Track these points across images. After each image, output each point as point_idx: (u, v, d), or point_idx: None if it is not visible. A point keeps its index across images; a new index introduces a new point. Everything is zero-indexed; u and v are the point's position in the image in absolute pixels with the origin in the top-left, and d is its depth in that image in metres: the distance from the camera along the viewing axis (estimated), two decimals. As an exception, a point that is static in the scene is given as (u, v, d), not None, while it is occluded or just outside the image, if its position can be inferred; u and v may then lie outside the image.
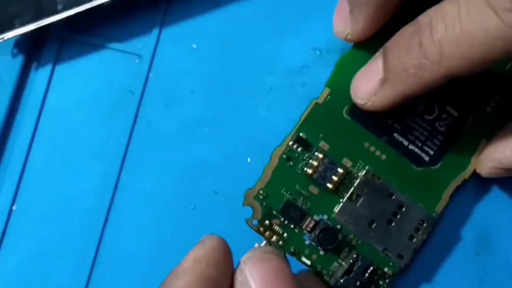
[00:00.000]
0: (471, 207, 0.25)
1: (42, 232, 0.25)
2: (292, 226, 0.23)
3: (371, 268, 0.23)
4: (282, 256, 0.21)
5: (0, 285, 0.25)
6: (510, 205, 0.25)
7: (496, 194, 0.25)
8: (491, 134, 0.23)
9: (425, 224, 0.23)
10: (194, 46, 0.26)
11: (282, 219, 0.23)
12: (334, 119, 0.23)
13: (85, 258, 0.25)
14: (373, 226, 0.23)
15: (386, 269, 0.23)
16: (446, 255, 0.25)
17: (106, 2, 0.24)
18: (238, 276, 0.20)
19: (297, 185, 0.23)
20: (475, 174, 0.23)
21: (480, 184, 0.25)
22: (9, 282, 0.25)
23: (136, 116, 0.25)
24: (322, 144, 0.23)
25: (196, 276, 0.19)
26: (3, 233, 0.25)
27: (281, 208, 0.23)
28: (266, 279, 0.19)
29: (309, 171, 0.23)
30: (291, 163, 0.23)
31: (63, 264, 0.25)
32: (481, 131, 0.23)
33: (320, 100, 0.23)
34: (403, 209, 0.23)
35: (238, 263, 0.20)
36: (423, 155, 0.23)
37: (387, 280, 0.23)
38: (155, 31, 0.26)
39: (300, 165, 0.23)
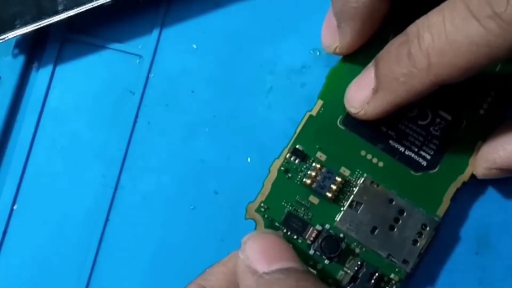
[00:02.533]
0: (470, 207, 0.25)
1: (43, 232, 0.25)
2: (295, 236, 0.23)
3: (377, 274, 0.23)
4: (280, 235, 0.22)
5: (1, 285, 0.25)
6: (509, 205, 0.25)
7: (495, 194, 0.25)
8: (486, 135, 0.23)
9: (427, 228, 0.23)
10: (195, 46, 0.26)
11: (284, 230, 0.23)
12: (329, 129, 0.23)
13: (85, 258, 0.25)
14: (376, 232, 0.23)
15: (392, 275, 0.23)
16: (445, 255, 0.25)
17: (106, 2, 0.24)
18: (240, 255, 0.21)
19: (297, 196, 0.23)
20: (474, 175, 0.23)
21: (479, 185, 0.25)
22: (10, 282, 0.25)
23: (136, 116, 0.25)
24: (319, 154, 0.23)
25: None
26: (4, 232, 0.25)
27: (283, 219, 0.23)
28: (265, 251, 0.21)
29: (308, 181, 0.23)
30: (290, 175, 0.23)
31: (63, 264, 0.25)
32: (476, 133, 0.23)
33: (314, 112, 0.23)
34: (404, 214, 0.23)
35: None
36: (420, 160, 0.23)
37: (394, 287, 0.23)
38: (155, 32, 0.26)
39: (299, 176, 0.23)
